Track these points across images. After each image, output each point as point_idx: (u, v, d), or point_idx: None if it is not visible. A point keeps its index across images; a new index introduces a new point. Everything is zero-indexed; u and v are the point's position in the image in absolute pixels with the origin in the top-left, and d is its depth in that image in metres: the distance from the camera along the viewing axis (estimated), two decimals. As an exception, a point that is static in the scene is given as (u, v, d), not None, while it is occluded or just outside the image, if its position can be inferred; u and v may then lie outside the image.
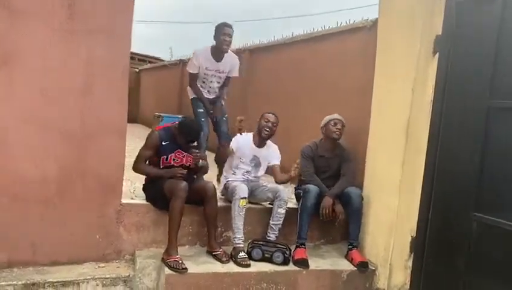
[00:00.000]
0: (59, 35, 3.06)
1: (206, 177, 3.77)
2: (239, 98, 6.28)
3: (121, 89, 3.28)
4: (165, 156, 3.37)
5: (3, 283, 2.87)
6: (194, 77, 4.31)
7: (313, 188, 3.50)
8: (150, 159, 3.42)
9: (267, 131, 3.66)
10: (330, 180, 3.70)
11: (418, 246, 3.33)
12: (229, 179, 3.65)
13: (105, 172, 3.27)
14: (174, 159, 3.38)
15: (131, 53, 12.90)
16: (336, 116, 3.71)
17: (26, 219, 3.09)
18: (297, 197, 3.74)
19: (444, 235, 3.18)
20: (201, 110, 4.32)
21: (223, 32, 4.13)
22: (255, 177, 3.76)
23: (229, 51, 4.32)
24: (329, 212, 3.52)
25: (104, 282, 3.10)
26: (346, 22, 4.50)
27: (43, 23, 3.02)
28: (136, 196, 3.60)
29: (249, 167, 3.74)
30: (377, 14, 3.78)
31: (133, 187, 3.76)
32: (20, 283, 2.91)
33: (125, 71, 3.28)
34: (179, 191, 3.12)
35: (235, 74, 4.47)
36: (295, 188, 3.92)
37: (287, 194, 3.55)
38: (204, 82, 4.34)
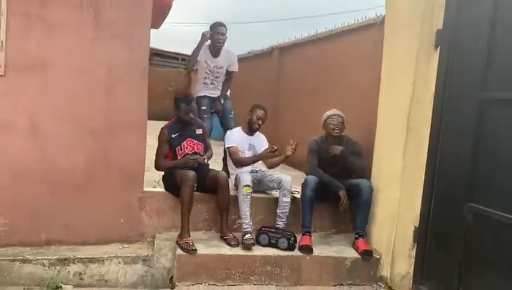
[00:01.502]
0: (86, 43, 3.50)
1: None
2: (270, 95, 6.53)
3: (140, 89, 3.66)
4: (179, 147, 3.71)
5: (40, 257, 3.35)
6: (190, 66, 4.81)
7: (310, 179, 3.68)
8: (167, 155, 3.77)
9: (258, 126, 4.03)
10: (339, 174, 3.84)
11: (421, 236, 3.40)
12: (238, 171, 3.90)
13: (127, 163, 3.67)
14: (187, 148, 3.72)
15: (177, 54, 13.46)
16: (333, 112, 3.85)
17: (60, 203, 3.56)
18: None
19: (443, 226, 3.24)
20: (204, 108, 4.67)
21: (216, 31, 4.54)
22: (259, 166, 4.00)
23: (227, 47, 4.68)
24: (346, 205, 3.71)
25: (126, 260, 3.49)
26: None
27: (72, 33, 3.47)
28: (159, 185, 3.97)
29: (249, 153, 4.02)
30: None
31: (158, 178, 4.13)
32: (54, 257, 3.38)
33: (144, 73, 3.65)
34: (187, 180, 3.44)
35: (234, 68, 4.80)
36: None
37: (290, 184, 3.75)
38: (206, 78, 4.69)
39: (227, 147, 4.05)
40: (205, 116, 4.57)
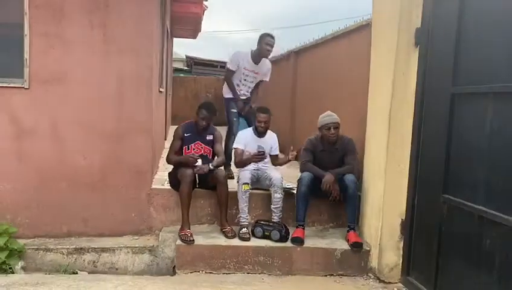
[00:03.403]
0: (97, 57, 3.95)
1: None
2: (288, 97, 6.77)
3: (146, 97, 4.07)
4: (187, 146, 4.05)
5: (59, 247, 3.83)
6: (230, 74, 4.89)
7: (305, 176, 3.88)
8: (177, 152, 4.09)
9: (262, 128, 4.17)
10: (333, 168, 4.00)
11: (407, 229, 3.52)
12: (240, 169, 4.17)
13: (136, 163, 4.08)
14: (194, 149, 4.05)
15: (215, 61, 13.93)
16: (327, 120, 3.93)
17: (78, 199, 4.03)
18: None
19: (425, 218, 3.34)
20: (234, 110, 4.89)
21: (265, 42, 4.74)
22: (263, 165, 4.23)
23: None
24: (330, 187, 3.82)
25: (134, 250, 3.89)
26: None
27: (85, 48, 3.94)
28: (167, 184, 4.34)
29: None
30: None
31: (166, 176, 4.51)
32: (72, 247, 3.85)
33: (149, 82, 4.05)
34: (184, 177, 3.78)
35: (267, 78, 5.05)
36: None
37: (280, 181, 3.98)
38: (240, 81, 4.90)
39: (233, 148, 4.31)
40: (235, 119, 4.84)
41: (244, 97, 4.96)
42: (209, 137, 4.13)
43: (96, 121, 4.00)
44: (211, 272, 3.67)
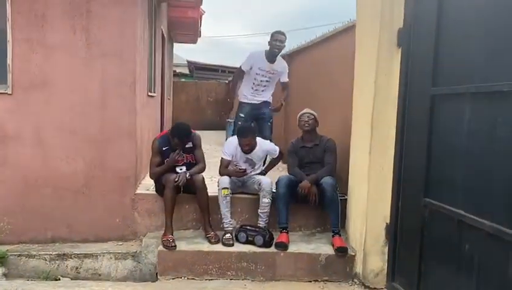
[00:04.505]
0: (80, 62, 3.95)
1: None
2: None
3: (130, 101, 4.05)
4: (168, 158, 3.96)
5: (42, 253, 3.82)
6: (241, 74, 4.90)
7: (282, 179, 3.85)
8: (158, 165, 4.00)
9: (246, 151, 4.04)
10: (317, 167, 3.99)
11: (392, 233, 3.44)
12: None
13: (120, 168, 4.06)
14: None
15: (216, 66, 14.05)
16: (304, 111, 4.05)
17: (63, 205, 4.02)
18: None
19: (409, 222, 3.26)
20: (242, 115, 4.86)
21: (274, 38, 4.78)
22: (251, 172, 4.16)
23: (280, 57, 4.95)
24: (306, 192, 3.81)
25: (117, 256, 3.86)
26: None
27: (68, 54, 3.94)
28: (153, 189, 4.30)
29: (245, 165, 4.13)
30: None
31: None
32: (54, 253, 3.83)
33: (133, 86, 4.03)
34: (168, 182, 3.74)
35: (285, 78, 5.05)
36: None
37: (270, 185, 3.92)
38: (254, 83, 4.86)
39: (221, 157, 4.17)
40: (239, 123, 4.79)
41: (259, 100, 4.90)
42: (188, 145, 4.01)
43: (79, 126, 3.99)
44: (193, 278, 3.62)
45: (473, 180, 2.51)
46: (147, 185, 4.37)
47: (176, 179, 3.73)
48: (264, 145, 4.20)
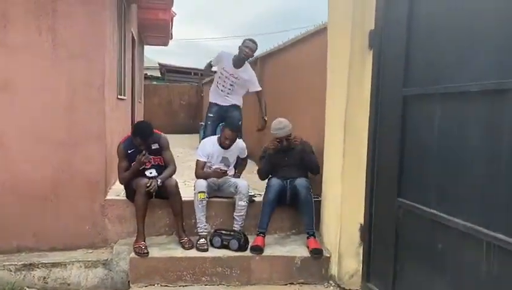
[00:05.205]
0: (46, 62, 3.80)
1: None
2: (255, 103, 6.68)
3: (99, 104, 3.92)
4: (135, 161, 3.85)
5: (7, 263, 3.64)
6: (208, 68, 5.22)
7: (274, 183, 3.83)
8: (127, 169, 3.89)
9: (227, 144, 4.03)
10: (292, 169, 3.97)
11: (366, 234, 3.45)
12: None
13: (89, 173, 3.92)
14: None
15: (189, 68, 13.90)
16: (279, 133, 3.93)
17: (29, 212, 3.84)
18: None
19: (383, 223, 3.28)
20: (211, 115, 4.88)
21: (245, 44, 4.78)
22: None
23: (247, 64, 4.91)
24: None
25: (87, 264, 3.72)
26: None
27: (32, 54, 3.78)
28: (124, 194, 4.17)
29: (220, 165, 4.09)
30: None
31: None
32: (20, 263, 3.66)
33: (101, 89, 3.91)
34: (139, 188, 3.64)
35: (257, 87, 4.96)
36: None
37: (247, 188, 3.87)
38: (219, 83, 4.88)
39: (196, 159, 4.11)
40: (209, 122, 4.82)
41: (226, 103, 4.89)
42: (154, 146, 3.91)
43: (46, 130, 3.84)
44: (166, 285, 3.53)
45: (445, 180, 2.54)
46: (118, 190, 4.25)
47: (148, 185, 3.63)
48: (239, 143, 4.19)
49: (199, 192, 3.77)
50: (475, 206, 2.30)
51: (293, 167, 3.96)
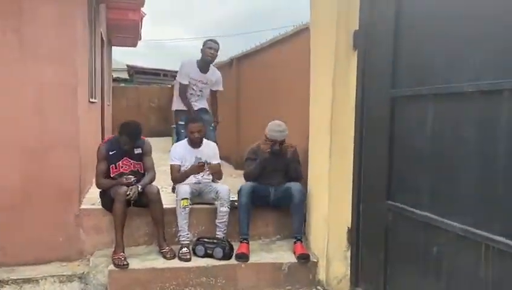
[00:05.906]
0: (12, 64, 3.54)
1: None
2: (232, 102, 6.59)
3: (71, 107, 3.70)
4: (114, 164, 3.70)
5: (-28, 281, 3.36)
6: (184, 88, 4.63)
7: (245, 187, 3.70)
8: (107, 173, 3.73)
9: (196, 138, 3.91)
10: (277, 175, 3.87)
11: (354, 238, 3.39)
12: (180, 184, 3.88)
13: (62, 182, 3.68)
14: (122, 167, 3.71)
15: (158, 70, 13.62)
16: (277, 136, 3.80)
17: (-5, 225, 3.57)
18: None
19: (371, 226, 3.23)
20: (182, 123, 4.61)
21: (207, 46, 4.59)
22: (205, 177, 3.97)
23: (213, 66, 4.75)
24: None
25: (61, 279, 3.49)
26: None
27: (-3, 54, 3.51)
28: (99, 203, 3.96)
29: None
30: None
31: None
32: (-13, 280, 3.38)
33: (74, 92, 3.69)
34: (118, 195, 3.45)
35: (219, 87, 4.86)
36: None
37: (228, 193, 3.74)
38: (191, 92, 4.67)
39: (170, 165, 3.97)
40: (182, 131, 4.56)
41: (195, 108, 4.71)
42: (137, 151, 3.77)
43: (13, 136, 3.57)
44: (148, 298, 3.36)
45: (439, 182, 2.50)
46: (93, 199, 4.03)
47: (128, 193, 3.44)
48: (211, 144, 4.11)
49: (182, 199, 3.61)
50: (472, 208, 2.26)
51: (280, 173, 3.85)
